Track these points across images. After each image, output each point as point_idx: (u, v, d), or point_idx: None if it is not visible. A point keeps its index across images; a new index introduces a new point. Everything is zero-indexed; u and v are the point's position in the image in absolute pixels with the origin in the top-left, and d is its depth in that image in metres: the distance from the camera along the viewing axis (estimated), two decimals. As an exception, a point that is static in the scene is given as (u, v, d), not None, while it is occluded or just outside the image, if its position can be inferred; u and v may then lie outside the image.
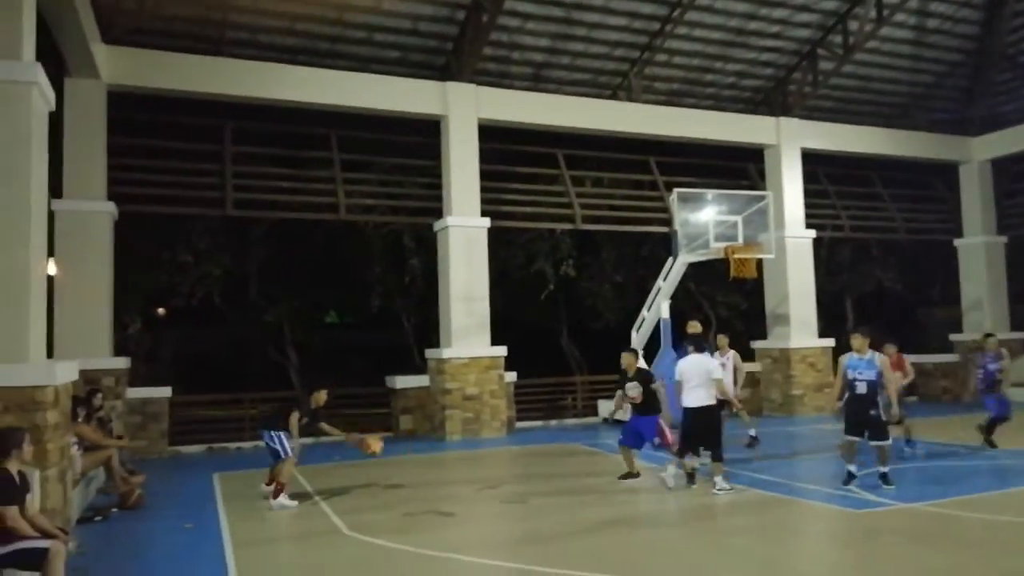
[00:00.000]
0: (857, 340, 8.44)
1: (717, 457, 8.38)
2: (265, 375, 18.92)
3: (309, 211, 14.68)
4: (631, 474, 9.12)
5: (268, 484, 8.69)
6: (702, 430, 8.40)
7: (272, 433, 8.61)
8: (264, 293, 17.87)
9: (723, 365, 10.91)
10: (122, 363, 12.08)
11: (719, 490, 8.19)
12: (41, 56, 7.59)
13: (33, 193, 7.13)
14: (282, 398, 9.41)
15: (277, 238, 17.27)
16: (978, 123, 18.89)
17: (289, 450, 8.53)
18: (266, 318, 18.01)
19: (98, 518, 7.87)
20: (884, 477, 8.24)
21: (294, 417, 8.67)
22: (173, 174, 13.41)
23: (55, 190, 11.18)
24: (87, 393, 9.48)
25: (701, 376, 8.39)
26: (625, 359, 9.10)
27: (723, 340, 11.55)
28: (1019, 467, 9.63)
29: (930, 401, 18.12)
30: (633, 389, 8.86)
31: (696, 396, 8.38)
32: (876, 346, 8.68)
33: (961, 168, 19.34)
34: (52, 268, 11.11)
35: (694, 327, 11.23)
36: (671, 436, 8.79)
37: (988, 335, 11.58)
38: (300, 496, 8.67)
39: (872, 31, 15.51)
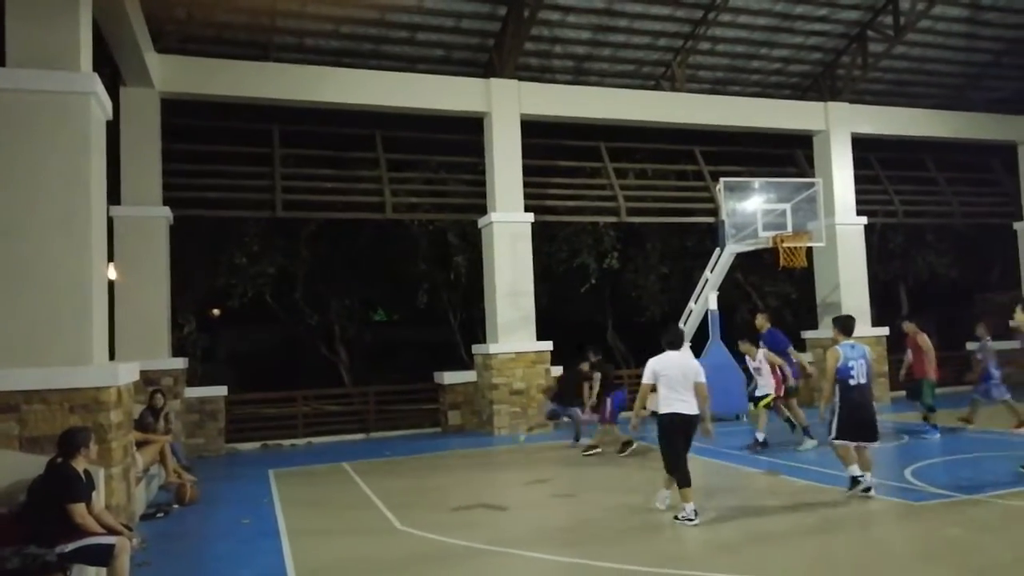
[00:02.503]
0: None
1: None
2: (317, 373, 19.28)
3: (356, 210, 14.89)
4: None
5: (586, 452, 10.90)
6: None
7: (568, 408, 11.44)
8: (314, 292, 18.22)
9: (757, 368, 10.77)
10: (180, 363, 12.44)
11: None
12: (97, 67, 7.85)
13: (93, 200, 7.37)
14: (575, 372, 11.89)
15: (326, 238, 17.59)
16: (1038, 102, 18.21)
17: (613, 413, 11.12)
18: (310, 321, 18.35)
19: (160, 514, 8.14)
20: None
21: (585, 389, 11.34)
22: (224, 178, 13.75)
23: (113, 197, 11.56)
24: (151, 393, 9.83)
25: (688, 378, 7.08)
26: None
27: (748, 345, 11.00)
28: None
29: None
30: None
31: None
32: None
33: (1020, 148, 18.65)
34: (112, 273, 11.49)
35: (761, 321, 11.52)
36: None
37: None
38: (356, 495, 8.82)
39: (924, 10, 15.03)
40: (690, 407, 7.02)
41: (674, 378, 7.04)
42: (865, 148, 17.55)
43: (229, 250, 16.12)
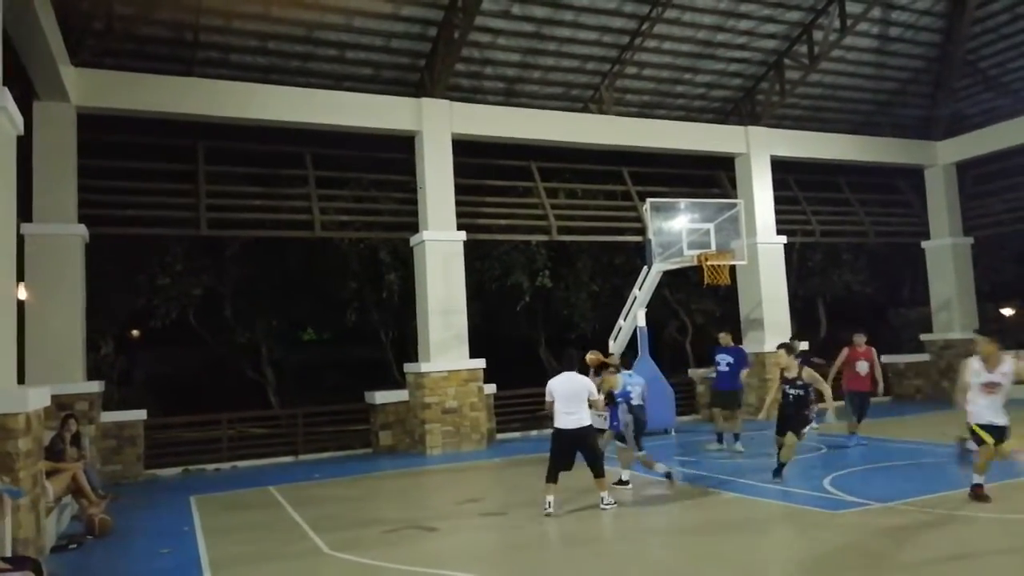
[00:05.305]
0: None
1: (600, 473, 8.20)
2: (243, 394, 18.75)
3: (284, 228, 14.62)
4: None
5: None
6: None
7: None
8: (240, 312, 17.76)
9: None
10: (95, 387, 11.91)
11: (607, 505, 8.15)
12: (8, 80, 7.54)
13: (1, 217, 7.05)
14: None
15: (252, 257, 17.21)
16: (942, 127, 19.29)
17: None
18: (242, 340, 17.90)
19: (72, 546, 7.74)
20: None
21: None
22: (145, 195, 13.32)
23: (24, 214, 11.07)
24: (63, 418, 9.39)
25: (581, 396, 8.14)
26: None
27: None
28: (992, 463, 9.80)
29: (903, 400, 18.38)
30: None
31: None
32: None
33: (927, 172, 19.72)
34: (22, 293, 10.97)
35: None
36: None
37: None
38: (282, 519, 8.60)
39: (836, 41, 15.81)
40: (576, 421, 8.03)
41: (564, 395, 8.09)
42: (784, 170, 18.27)
43: (151, 269, 15.60)
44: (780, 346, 9.74)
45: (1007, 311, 23.23)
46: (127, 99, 12.32)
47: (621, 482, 9.19)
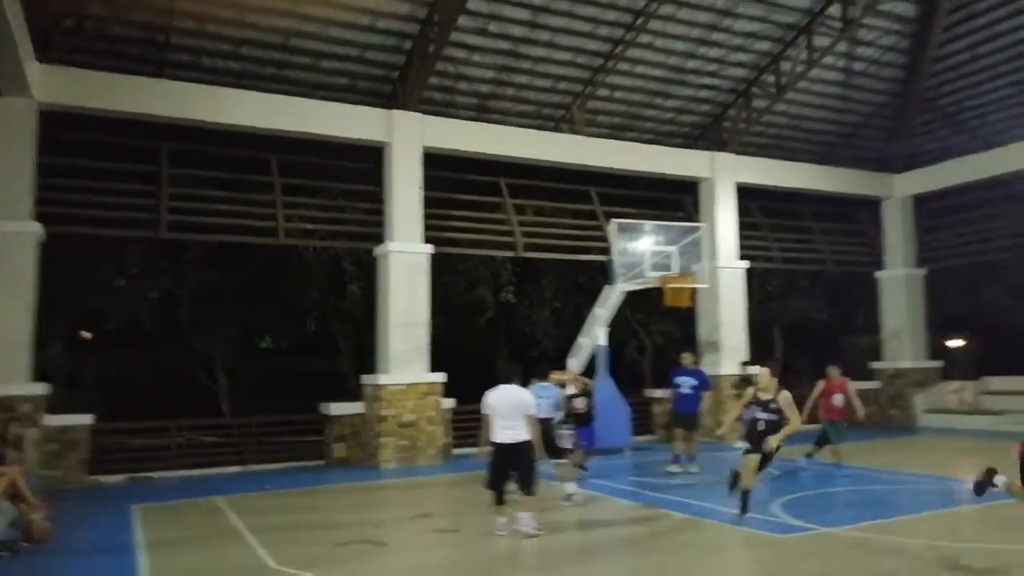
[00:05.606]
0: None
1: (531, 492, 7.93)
2: (196, 401, 18.41)
3: (247, 234, 14.41)
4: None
5: None
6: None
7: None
8: (197, 317, 17.47)
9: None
10: (40, 389, 11.56)
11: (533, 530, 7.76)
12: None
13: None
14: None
15: (214, 262, 16.96)
16: (900, 161, 19.80)
17: None
18: (196, 345, 17.63)
19: (5, 553, 7.48)
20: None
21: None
22: (105, 195, 13.02)
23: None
24: (3, 420, 9.12)
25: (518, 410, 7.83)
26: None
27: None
28: (934, 491, 10.03)
29: (852, 427, 18.62)
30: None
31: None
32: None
33: (884, 204, 20.21)
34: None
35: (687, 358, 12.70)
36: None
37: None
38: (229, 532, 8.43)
39: (803, 72, 16.18)
40: (515, 436, 7.76)
41: (503, 409, 7.83)
42: (748, 197, 18.55)
43: (107, 270, 15.28)
44: (764, 364, 8.76)
45: (953, 343, 23.80)
46: (95, 98, 12.11)
47: (568, 497, 9.15)
